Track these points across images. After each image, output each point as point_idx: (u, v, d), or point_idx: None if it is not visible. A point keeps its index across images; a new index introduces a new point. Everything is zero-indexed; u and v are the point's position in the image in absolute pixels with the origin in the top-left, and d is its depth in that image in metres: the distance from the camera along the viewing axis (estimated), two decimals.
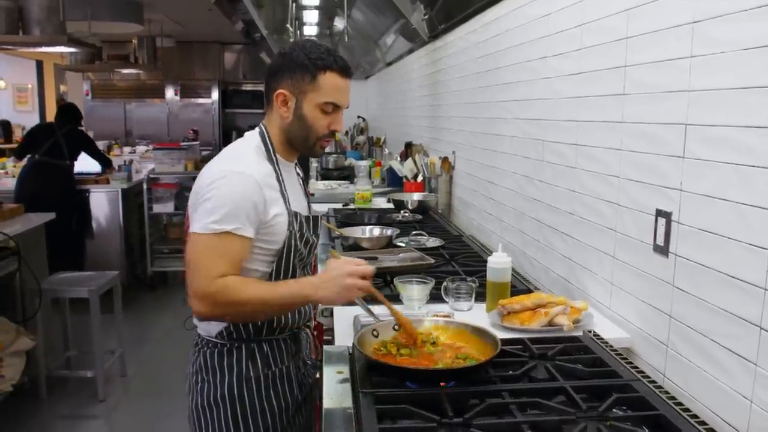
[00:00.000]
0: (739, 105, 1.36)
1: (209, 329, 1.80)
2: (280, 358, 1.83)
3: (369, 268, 1.70)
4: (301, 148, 1.81)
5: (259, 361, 1.79)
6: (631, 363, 1.66)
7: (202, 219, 1.64)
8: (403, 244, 2.86)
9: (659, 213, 1.66)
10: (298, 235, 1.76)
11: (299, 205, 1.82)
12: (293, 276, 1.79)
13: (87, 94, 11.57)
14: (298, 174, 1.94)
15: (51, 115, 13.21)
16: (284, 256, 1.75)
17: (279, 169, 1.77)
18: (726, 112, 1.40)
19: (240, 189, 1.64)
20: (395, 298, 2.10)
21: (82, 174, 6.17)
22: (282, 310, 1.78)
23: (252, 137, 1.80)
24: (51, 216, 4.41)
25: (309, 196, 1.97)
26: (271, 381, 1.81)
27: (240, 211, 1.63)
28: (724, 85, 1.40)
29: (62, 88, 13.06)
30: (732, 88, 1.38)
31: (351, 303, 1.78)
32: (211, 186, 1.65)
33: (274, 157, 1.77)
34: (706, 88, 1.47)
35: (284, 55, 1.74)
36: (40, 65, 12.78)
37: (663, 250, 1.65)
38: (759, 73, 1.29)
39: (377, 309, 1.82)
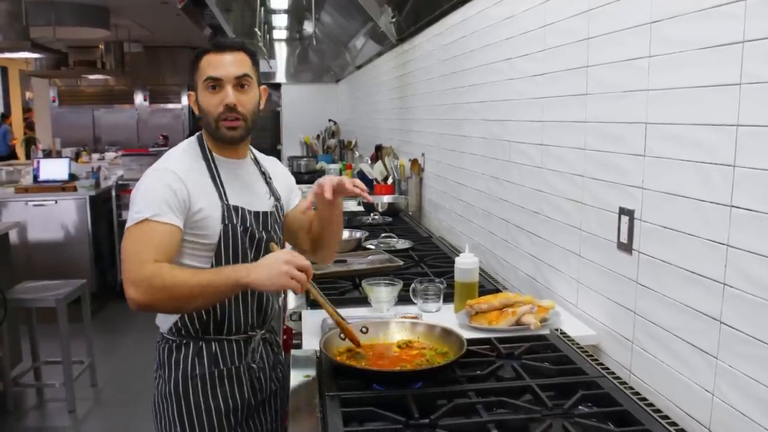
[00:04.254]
0: (696, 103, 1.38)
1: (163, 325, 1.82)
2: (230, 358, 1.81)
3: (307, 262, 1.63)
4: (213, 136, 1.80)
5: (205, 359, 1.78)
6: (597, 360, 1.67)
7: (129, 215, 1.69)
8: (372, 247, 2.86)
9: (622, 211, 1.68)
10: (240, 229, 1.76)
11: (248, 201, 1.81)
12: None
13: (54, 101, 11.41)
14: (263, 173, 1.94)
15: (17, 122, 13.03)
16: (222, 252, 1.74)
17: (214, 164, 1.80)
18: (684, 111, 1.42)
19: (156, 181, 1.70)
20: (363, 301, 2.10)
21: (48, 181, 6.08)
22: (220, 295, 1.68)
23: (187, 140, 1.87)
24: (14, 225, 4.33)
25: (275, 193, 1.94)
26: (218, 380, 1.79)
27: (157, 198, 1.66)
28: (682, 83, 1.42)
29: (28, 94, 12.89)
30: (689, 87, 1.40)
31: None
32: (136, 187, 1.74)
33: (209, 155, 1.81)
34: (664, 87, 1.49)
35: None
36: (4, 71, 12.60)
37: (626, 247, 1.67)
38: (715, 72, 1.31)
39: (346, 312, 1.81)
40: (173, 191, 1.68)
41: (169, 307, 1.70)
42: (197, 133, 1.86)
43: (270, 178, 1.96)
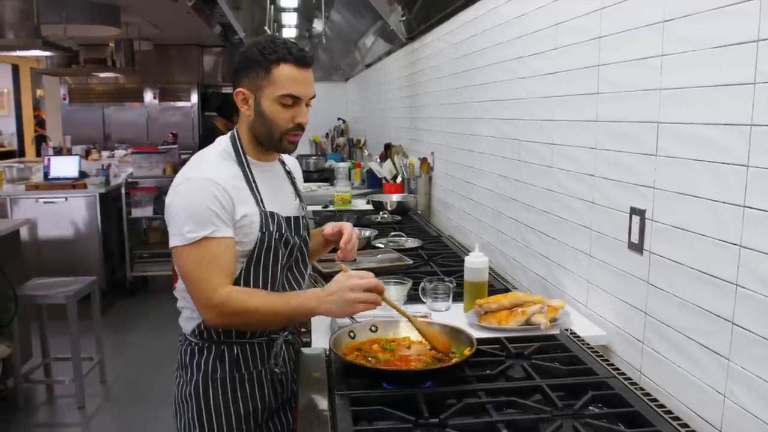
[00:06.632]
0: (709, 103, 1.37)
1: (186, 327, 1.82)
2: (252, 361, 1.80)
3: (374, 281, 1.63)
4: (268, 144, 1.78)
5: (227, 362, 1.78)
6: (607, 360, 1.66)
7: (178, 232, 1.65)
8: (381, 246, 2.85)
9: (633, 211, 1.67)
10: (276, 236, 1.75)
11: (280, 205, 1.81)
12: (264, 280, 1.77)
13: (64, 98, 11.45)
14: (288, 173, 1.94)
15: (27, 120, 13.09)
16: (254, 257, 1.73)
17: (250, 170, 1.77)
18: (697, 110, 1.41)
19: (201, 192, 1.65)
20: None
21: (58, 179, 6.10)
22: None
23: (219, 142, 1.81)
24: (25, 222, 4.35)
25: (300, 194, 1.94)
26: (239, 384, 1.79)
27: (209, 214, 1.64)
28: (695, 83, 1.41)
29: (39, 92, 12.93)
30: (702, 86, 1.39)
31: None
32: (175, 197, 1.69)
33: (244, 159, 1.77)
34: (677, 86, 1.48)
35: (242, 53, 1.74)
36: (15, 69, 12.65)
37: (637, 247, 1.66)
38: (728, 71, 1.30)
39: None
40: (220, 202, 1.65)
41: (241, 328, 1.76)
42: (230, 134, 1.81)
43: (294, 178, 1.97)
